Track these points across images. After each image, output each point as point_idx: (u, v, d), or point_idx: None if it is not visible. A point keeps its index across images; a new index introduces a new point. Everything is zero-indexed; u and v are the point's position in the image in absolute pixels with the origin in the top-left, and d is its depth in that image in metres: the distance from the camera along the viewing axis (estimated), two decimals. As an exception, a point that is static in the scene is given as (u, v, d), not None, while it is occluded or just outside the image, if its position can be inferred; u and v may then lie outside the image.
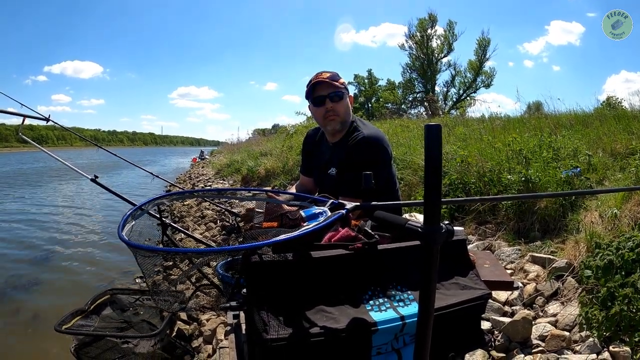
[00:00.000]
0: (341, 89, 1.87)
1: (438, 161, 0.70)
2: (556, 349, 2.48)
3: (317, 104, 1.89)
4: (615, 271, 2.43)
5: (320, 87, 1.86)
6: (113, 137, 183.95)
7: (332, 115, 1.87)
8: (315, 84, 1.86)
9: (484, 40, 28.73)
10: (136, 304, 2.94)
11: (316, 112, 1.92)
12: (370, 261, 1.01)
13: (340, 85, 1.87)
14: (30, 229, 9.12)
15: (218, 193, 1.54)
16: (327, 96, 1.85)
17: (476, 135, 6.67)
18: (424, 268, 0.70)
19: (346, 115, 1.90)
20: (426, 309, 0.72)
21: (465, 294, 1.07)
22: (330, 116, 1.87)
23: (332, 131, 1.93)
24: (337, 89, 1.85)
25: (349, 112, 1.93)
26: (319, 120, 1.94)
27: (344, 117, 1.89)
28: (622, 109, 7.83)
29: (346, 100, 1.90)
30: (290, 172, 9.55)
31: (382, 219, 0.89)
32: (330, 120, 1.88)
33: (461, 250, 1.17)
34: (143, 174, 3.05)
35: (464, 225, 4.37)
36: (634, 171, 3.94)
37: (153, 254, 0.88)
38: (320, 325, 0.87)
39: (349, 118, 1.93)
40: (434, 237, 0.68)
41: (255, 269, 0.91)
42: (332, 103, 1.86)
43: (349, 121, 1.93)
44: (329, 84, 1.84)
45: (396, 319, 0.92)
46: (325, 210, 1.05)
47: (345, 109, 1.89)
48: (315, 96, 1.88)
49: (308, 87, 1.90)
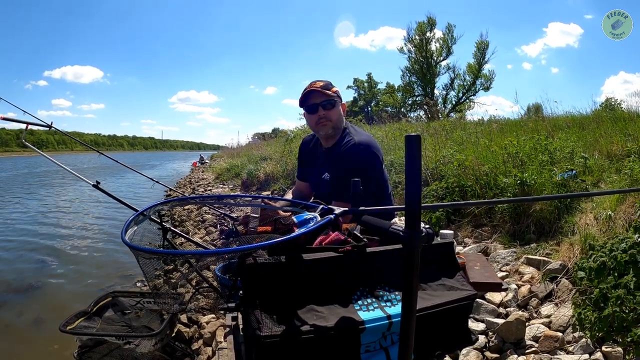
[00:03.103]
0: (333, 97, 1.96)
1: (418, 169, 0.75)
2: (549, 349, 2.52)
3: (311, 111, 1.99)
4: (608, 273, 2.47)
5: (313, 96, 1.96)
6: (113, 141, 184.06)
7: (324, 121, 1.97)
8: (308, 92, 1.96)
9: (483, 43, 28.82)
10: (137, 307, 2.99)
11: (310, 119, 2.03)
12: (359, 263, 1.06)
13: (333, 93, 1.96)
14: (34, 233, 9.18)
15: (217, 199, 1.59)
16: (320, 104, 1.95)
17: (473, 139, 6.72)
18: (406, 269, 0.75)
19: (338, 122, 2.00)
20: (409, 308, 0.77)
21: (451, 295, 1.12)
22: (322, 122, 1.97)
23: (325, 136, 2.03)
24: (329, 98, 1.95)
25: (341, 118, 2.02)
26: (312, 126, 2.05)
27: (335, 123, 1.99)
28: (621, 110, 7.89)
29: (338, 107, 1.99)
30: (289, 177, 9.59)
31: (369, 223, 0.94)
32: (322, 125, 1.98)
33: (449, 253, 1.22)
34: (144, 178, 3.10)
35: (460, 229, 4.41)
36: (629, 173, 3.98)
37: (153, 256, 0.93)
38: (311, 324, 0.91)
39: (341, 124, 2.02)
40: (414, 240, 0.73)
41: (250, 270, 0.97)
42: (325, 111, 1.96)
43: (341, 127, 2.02)
44: (321, 93, 1.94)
45: (383, 318, 0.96)
46: (315, 215, 1.10)
47: (337, 115, 1.99)
48: (309, 104, 1.98)
49: (302, 96, 1.99)
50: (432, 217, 4.53)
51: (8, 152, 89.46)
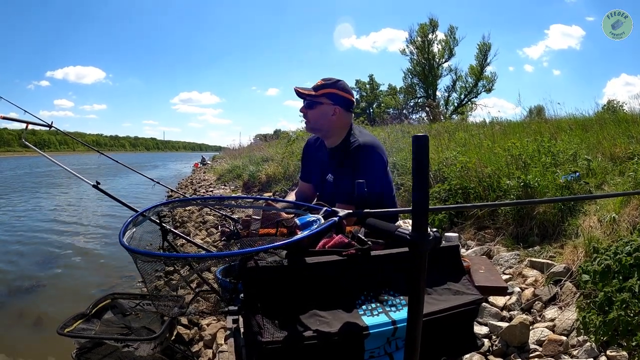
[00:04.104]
0: (313, 99, 1.99)
1: (425, 170, 0.73)
2: (553, 353, 2.50)
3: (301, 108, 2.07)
4: (613, 276, 2.44)
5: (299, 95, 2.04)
6: (115, 142, 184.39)
7: (306, 120, 2.06)
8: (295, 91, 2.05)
9: (485, 45, 28.87)
10: (137, 309, 2.96)
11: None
12: (363, 267, 1.03)
13: (317, 94, 1.98)
14: (33, 234, 9.16)
15: (218, 200, 1.57)
16: (304, 104, 2.04)
17: (476, 141, 6.69)
18: (413, 273, 0.73)
19: (318, 124, 2.02)
20: (415, 313, 0.74)
21: (457, 299, 1.09)
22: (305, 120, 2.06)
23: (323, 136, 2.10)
24: (308, 99, 2.01)
25: (325, 121, 2.01)
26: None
27: (314, 124, 2.03)
28: (624, 112, 7.86)
29: (320, 109, 2.00)
30: (291, 178, 9.58)
31: (374, 226, 0.92)
32: (305, 122, 2.07)
33: (454, 256, 1.19)
34: (145, 179, 3.08)
35: (463, 231, 4.39)
36: (633, 175, 3.95)
37: (152, 259, 0.90)
38: (314, 329, 0.89)
39: (325, 126, 2.02)
40: (422, 244, 0.70)
41: (252, 273, 0.94)
42: (306, 109, 2.03)
43: (325, 129, 2.03)
44: (302, 94, 2.01)
45: (388, 324, 0.94)
46: (319, 217, 1.08)
47: (318, 117, 2.01)
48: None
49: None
50: (435, 220, 4.50)
51: (10, 152, 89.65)
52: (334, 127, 2.01)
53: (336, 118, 1.99)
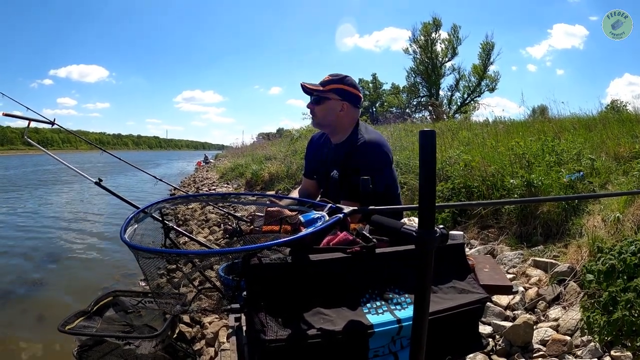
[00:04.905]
0: (320, 94, 1.97)
1: (432, 166, 0.71)
2: (557, 353, 2.48)
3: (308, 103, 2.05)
4: (617, 275, 2.43)
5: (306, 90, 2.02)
6: (118, 140, 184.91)
7: (312, 115, 2.04)
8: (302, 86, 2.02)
9: (488, 44, 28.76)
10: (139, 306, 2.95)
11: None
12: (368, 264, 1.02)
13: (325, 90, 1.96)
14: (35, 231, 9.19)
15: (221, 197, 1.56)
16: (310, 99, 2.01)
17: (479, 140, 6.66)
18: (419, 271, 0.71)
19: (325, 120, 2.00)
20: (421, 311, 0.73)
21: (462, 298, 1.08)
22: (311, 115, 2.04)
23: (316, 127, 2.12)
24: (316, 94, 1.99)
25: (333, 116, 1.98)
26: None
27: (321, 120, 2.01)
28: (627, 112, 7.82)
29: (326, 105, 1.97)
30: (293, 177, 9.57)
31: (379, 222, 0.91)
32: (312, 117, 2.05)
33: (459, 255, 1.18)
34: (148, 177, 3.07)
35: (466, 230, 4.37)
36: (637, 175, 3.93)
37: (153, 255, 0.89)
38: (318, 327, 0.88)
39: (333, 122, 2.00)
40: (428, 241, 0.69)
41: (255, 271, 0.93)
42: (313, 105, 2.00)
43: (333, 125, 2.01)
44: (309, 89, 1.99)
45: (393, 322, 0.93)
46: (323, 214, 1.06)
47: (324, 113, 1.98)
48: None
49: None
50: (438, 218, 4.48)
51: (13, 150, 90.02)
52: (342, 123, 1.99)
53: (344, 114, 1.97)
